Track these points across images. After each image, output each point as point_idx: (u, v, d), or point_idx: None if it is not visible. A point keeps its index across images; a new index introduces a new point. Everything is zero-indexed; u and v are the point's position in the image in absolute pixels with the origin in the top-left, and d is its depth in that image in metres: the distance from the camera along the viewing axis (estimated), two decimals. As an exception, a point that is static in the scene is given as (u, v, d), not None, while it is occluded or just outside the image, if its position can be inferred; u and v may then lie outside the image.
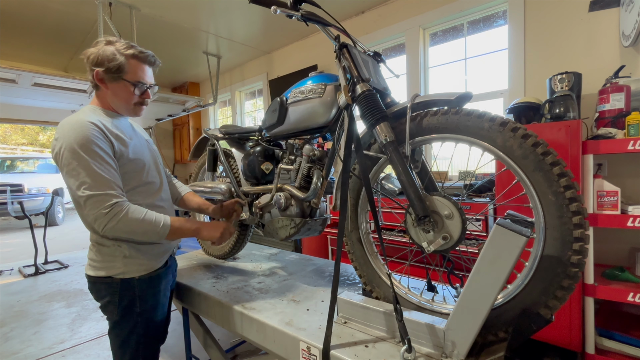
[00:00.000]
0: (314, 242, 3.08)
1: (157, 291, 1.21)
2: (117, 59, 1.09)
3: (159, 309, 1.22)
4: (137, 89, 1.14)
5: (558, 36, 2.25)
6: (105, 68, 1.09)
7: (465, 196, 2.30)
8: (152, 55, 1.18)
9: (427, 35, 3.02)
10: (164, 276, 1.25)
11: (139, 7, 3.13)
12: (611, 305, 1.93)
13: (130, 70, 1.12)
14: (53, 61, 4.54)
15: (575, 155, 1.70)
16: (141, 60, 1.14)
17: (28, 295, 3.19)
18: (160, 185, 1.26)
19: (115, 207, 1.00)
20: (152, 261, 1.19)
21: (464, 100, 0.95)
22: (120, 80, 1.12)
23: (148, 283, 1.17)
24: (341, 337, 1.01)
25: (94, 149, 1.01)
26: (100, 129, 1.05)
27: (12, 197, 6.05)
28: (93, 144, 1.01)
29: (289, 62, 4.19)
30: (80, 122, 1.03)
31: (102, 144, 1.03)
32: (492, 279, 0.80)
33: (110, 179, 1.03)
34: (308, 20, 1.08)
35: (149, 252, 1.18)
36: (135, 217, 1.03)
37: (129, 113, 1.21)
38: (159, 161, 1.32)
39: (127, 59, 1.11)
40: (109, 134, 1.08)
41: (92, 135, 1.02)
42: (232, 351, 2.19)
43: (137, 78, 1.14)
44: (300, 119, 1.29)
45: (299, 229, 1.36)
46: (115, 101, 1.16)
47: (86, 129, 1.02)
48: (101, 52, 1.09)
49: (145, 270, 1.17)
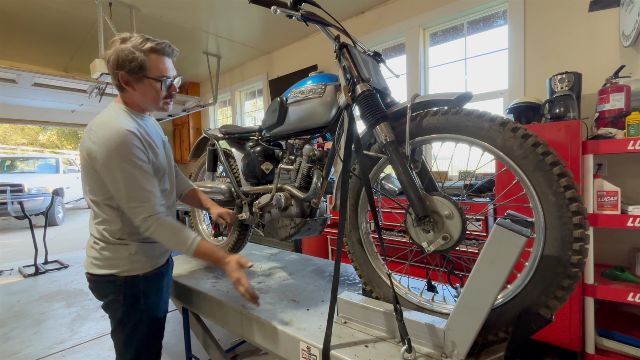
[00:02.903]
0: (314, 242, 3.08)
1: (159, 287, 1.22)
2: (136, 57, 1.06)
3: (162, 306, 1.24)
4: (163, 84, 1.12)
5: (558, 36, 2.25)
6: (127, 69, 1.06)
7: (465, 196, 2.30)
8: (169, 45, 1.13)
9: (427, 35, 3.02)
10: (166, 273, 1.28)
11: (139, 7, 3.13)
12: (611, 305, 1.93)
13: (152, 67, 1.09)
14: (53, 61, 4.54)
15: (575, 155, 1.70)
16: (160, 52, 1.10)
17: (28, 295, 3.19)
18: (171, 191, 1.28)
19: (147, 221, 1.05)
20: (156, 259, 1.21)
21: (464, 100, 0.95)
22: (144, 80, 1.09)
23: (151, 280, 1.19)
24: (341, 337, 1.01)
25: (134, 160, 1.03)
26: (138, 137, 1.06)
27: (12, 197, 6.05)
28: (133, 156, 1.03)
29: (289, 62, 4.19)
30: (120, 131, 1.02)
31: (141, 155, 1.06)
32: (492, 279, 0.80)
33: (147, 189, 1.06)
34: (308, 20, 1.08)
35: (155, 250, 1.20)
36: (164, 235, 1.08)
37: (158, 109, 1.19)
38: (172, 162, 1.33)
39: (146, 55, 1.07)
40: (144, 142, 1.09)
41: (133, 146, 1.03)
42: (232, 351, 2.19)
43: (161, 73, 1.11)
44: (300, 119, 1.29)
45: (299, 229, 1.36)
46: (143, 101, 1.15)
47: (127, 139, 1.02)
48: (119, 53, 1.05)
49: (150, 267, 1.18)
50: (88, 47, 4.02)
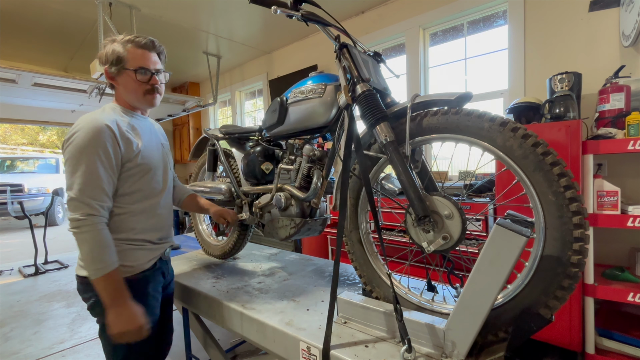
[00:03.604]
0: (314, 242, 3.08)
1: (144, 293, 1.15)
2: (115, 50, 1.11)
3: (148, 312, 1.14)
4: (138, 74, 1.13)
5: (558, 36, 2.25)
6: (109, 64, 1.12)
7: (465, 196, 2.30)
8: (150, 40, 1.16)
9: (427, 35, 3.02)
10: (152, 279, 1.19)
11: (139, 7, 3.13)
12: (611, 305, 1.93)
13: (130, 59, 1.12)
14: (53, 61, 4.54)
15: (575, 155, 1.70)
16: (137, 45, 1.13)
17: (28, 295, 3.19)
18: (162, 191, 1.24)
19: (86, 219, 0.99)
20: (134, 263, 1.14)
21: (464, 100, 0.94)
22: (123, 72, 1.13)
23: (131, 286, 1.09)
24: (341, 337, 1.01)
25: (100, 153, 1.01)
26: (113, 132, 1.05)
27: (12, 197, 6.05)
28: (100, 148, 1.01)
29: (289, 62, 4.19)
30: (97, 122, 1.03)
31: (109, 149, 1.04)
32: (492, 279, 0.80)
33: (103, 187, 1.03)
34: (308, 20, 1.08)
35: (132, 255, 1.14)
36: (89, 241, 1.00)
37: (143, 104, 1.20)
38: (169, 166, 1.31)
39: (124, 47, 1.12)
40: (120, 139, 1.07)
41: (103, 139, 1.02)
42: (232, 351, 2.19)
43: (138, 64, 1.13)
44: (301, 119, 1.29)
45: (299, 229, 1.36)
46: (126, 95, 1.17)
47: (100, 130, 1.02)
48: (105, 51, 1.12)
49: (129, 272, 1.12)
50: (88, 47, 4.02)
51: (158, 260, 1.23)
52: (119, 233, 1.11)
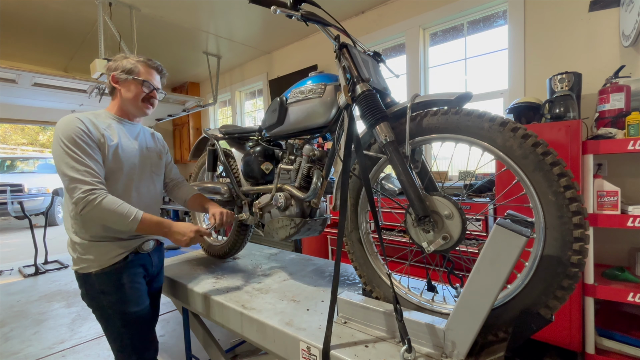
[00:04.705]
0: (314, 242, 3.08)
1: (120, 284, 1.22)
2: (131, 62, 1.31)
3: (131, 301, 1.23)
4: (144, 86, 1.31)
5: (558, 36, 2.25)
6: (120, 71, 1.29)
7: (465, 196, 2.30)
8: (160, 65, 1.38)
9: (427, 35, 3.02)
10: (125, 270, 1.24)
11: (139, 7, 3.13)
12: (611, 305, 1.93)
13: (140, 73, 1.31)
14: (53, 61, 4.54)
15: (575, 155, 1.70)
16: (149, 66, 1.34)
17: (28, 295, 3.19)
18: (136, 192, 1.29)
19: (91, 194, 1.09)
20: (103, 257, 1.21)
21: (464, 100, 0.94)
22: (131, 79, 1.30)
23: (105, 278, 1.20)
24: (341, 337, 1.01)
25: (78, 142, 1.12)
26: (82, 122, 1.16)
27: (12, 197, 6.05)
28: (76, 137, 1.12)
29: (289, 62, 4.19)
30: (70, 117, 1.16)
31: (85, 137, 1.14)
32: (492, 279, 0.80)
33: (91, 168, 1.12)
34: (308, 20, 1.08)
35: (100, 249, 1.21)
36: (107, 207, 1.11)
37: (137, 109, 1.33)
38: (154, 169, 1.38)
39: (137, 64, 1.31)
40: (91, 127, 1.17)
41: (77, 128, 1.13)
42: (232, 351, 2.19)
43: (146, 78, 1.32)
44: (300, 119, 1.29)
45: (299, 229, 1.36)
46: (125, 98, 1.30)
47: (72, 123, 1.14)
48: (118, 62, 1.31)
49: (99, 266, 1.20)
50: (88, 47, 4.02)
51: (131, 253, 1.27)
52: (84, 233, 1.20)
